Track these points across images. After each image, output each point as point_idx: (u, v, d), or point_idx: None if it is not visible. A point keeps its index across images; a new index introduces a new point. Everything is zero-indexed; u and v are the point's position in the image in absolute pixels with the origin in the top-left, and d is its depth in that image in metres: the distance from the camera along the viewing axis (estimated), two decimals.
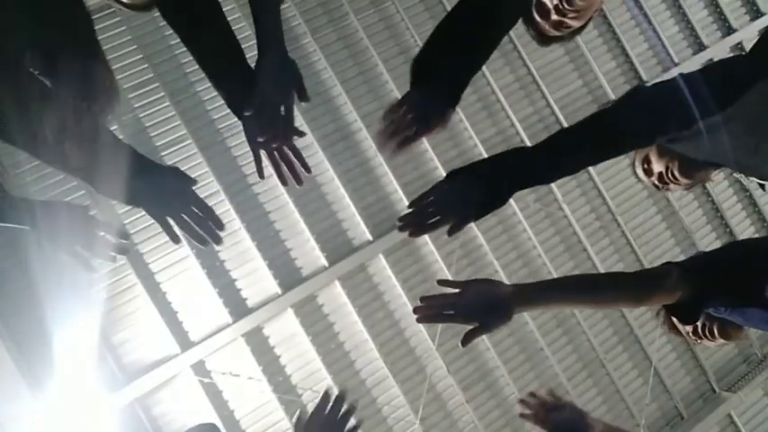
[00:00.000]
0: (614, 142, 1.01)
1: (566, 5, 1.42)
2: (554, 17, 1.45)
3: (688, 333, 1.44)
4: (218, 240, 1.08)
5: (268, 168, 1.16)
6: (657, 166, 1.52)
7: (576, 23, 1.49)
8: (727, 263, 1.25)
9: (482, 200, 1.01)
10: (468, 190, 1.00)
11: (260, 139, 1.12)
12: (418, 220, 1.01)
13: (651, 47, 4.17)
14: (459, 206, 1.00)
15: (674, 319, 1.42)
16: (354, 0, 3.72)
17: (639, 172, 1.62)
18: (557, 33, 1.52)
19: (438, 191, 1.01)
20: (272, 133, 1.12)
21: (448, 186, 1.01)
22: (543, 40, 1.56)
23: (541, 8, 1.47)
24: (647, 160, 1.58)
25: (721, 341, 1.39)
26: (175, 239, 1.06)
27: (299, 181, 1.18)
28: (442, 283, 1.14)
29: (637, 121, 1.00)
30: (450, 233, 1.01)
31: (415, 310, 1.11)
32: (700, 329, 1.41)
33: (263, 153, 1.15)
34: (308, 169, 1.17)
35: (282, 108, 1.10)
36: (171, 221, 1.04)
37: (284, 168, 1.16)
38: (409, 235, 1.02)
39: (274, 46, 1.09)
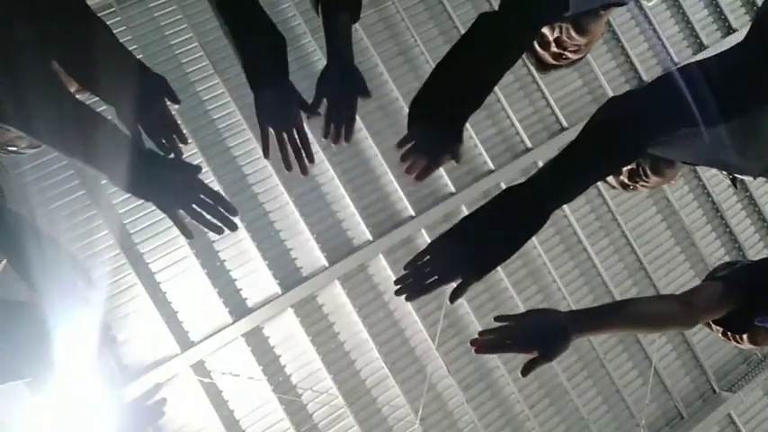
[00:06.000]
0: (606, 162, 0.95)
1: (566, 39, 1.42)
2: (554, 49, 1.46)
3: (718, 332, 1.44)
4: (233, 227, 1.03)
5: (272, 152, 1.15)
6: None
7: (574, 57, 1.50)
8: None
9: (484, 257, 0.93)
10: (467, 247, 0.92)
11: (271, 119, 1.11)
12: (416, 281, 0.93)
13: (651, 47, 4.17)
14: (459, 265, 0.92)
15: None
16: None
17: None
18: (555, 63, 1.53)
19: (435, 250, 0.93)
20: (287, 116, 1.11)
21: (445, 245, 0.93)
22: (541, 67, 1.56)
23: (542, 39, 1.47)
24: None
25: (750, 346, 1.40)
26: (187, 234, 1.02)
27: (304, 170, 1.14)
28: (499, 318, 1.16)
29: (622, 135, 0.93)
30: (452, 299, 0.92)
31: (473, 343, 1.12)
32: (730, 333, 1.43)
33: (271, 131, 1.11)
34: (311, 159, 1.14)
35: (345, 110, 1.15)
36: (182, 214, 1.01)
37: (291, 153, 1.12)
38: (406, 299, 0.94)
39: (342, 58, 1.17)
